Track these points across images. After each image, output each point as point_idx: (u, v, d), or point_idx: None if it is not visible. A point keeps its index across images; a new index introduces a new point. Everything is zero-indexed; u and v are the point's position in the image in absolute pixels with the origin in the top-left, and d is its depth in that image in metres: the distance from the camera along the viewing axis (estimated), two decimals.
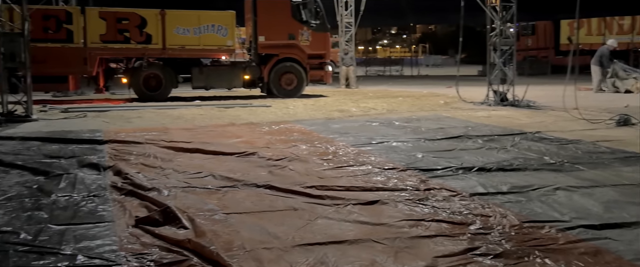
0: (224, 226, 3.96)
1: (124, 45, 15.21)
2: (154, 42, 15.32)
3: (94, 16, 14.95)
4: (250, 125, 9.75)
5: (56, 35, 14.63)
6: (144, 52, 15.38)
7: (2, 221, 4.08)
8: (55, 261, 3.31)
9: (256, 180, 5.35)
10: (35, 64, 13.83)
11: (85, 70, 15.07)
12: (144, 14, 15.35)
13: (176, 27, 15.49)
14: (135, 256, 3.39)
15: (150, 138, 7.84)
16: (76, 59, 14.76)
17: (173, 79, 15.89)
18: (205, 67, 16.24)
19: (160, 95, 15.51)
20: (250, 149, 6.97)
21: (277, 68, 16.54)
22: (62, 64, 14.61)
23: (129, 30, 15.19)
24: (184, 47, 15.59)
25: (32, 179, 5.47)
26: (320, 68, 17.11)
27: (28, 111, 10.77)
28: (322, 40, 17.10)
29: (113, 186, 5.18)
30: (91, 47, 14.87)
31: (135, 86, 15.58)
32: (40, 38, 14.10)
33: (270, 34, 16.45)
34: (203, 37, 15.68)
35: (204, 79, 16.11)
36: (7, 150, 7.00)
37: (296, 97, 16.17)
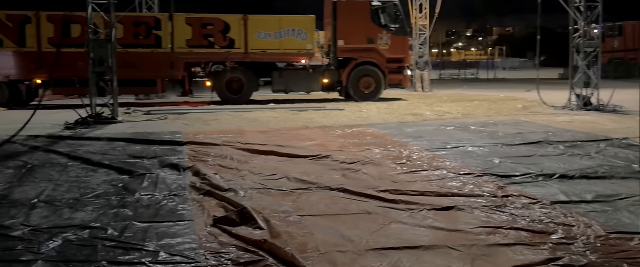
0: (299, 228, 4.01)
1: (208, 50, 15.79)
2: (236, 46, 15.81)
3: (181, 22, 15.59)
4: (324, 128, 9.81)
5: (146, 41, 15.43)
6: (227, 57, 15.91)
7: (91, 218, 4.32)
8: (139, 256, 3.46)
9: (330, 183, 5.37)
10: (127, 69, 14.83)
11: (173, 74, 15.79)
12: (228, 20, 15.84)
13: (258, 31, 15.90)
14: (213, 254, 3.49)
15: (227, 140, 8.05)
16: (164, 63, 15.51)
17: (254, 83, 16.31)
18: (285, 71, 16.54)
19: (242, 98, 15.97)
20: (323, 153, 7.02)
21: (355, 72, 16.62)
22: (151, 68, 15.40)
23: (214, 35, 15.76)
24: (265, 51, 16.00)
25: (118, 178, 5.75)
26: (399, 72, 17.04)
27: (114, 114, 11.33)
28: (401, 44, 17.00)
29: (192, 186, 5.36)
30: (178, 52, 15.55)
31: (219, 89, 16.11)
32: (131, 44, 15.06)
33: (350, 38, 16.54)
34: (284, 41, 16.02)
35: (284, 83, 16.42)
36: (95, 150, 7.40)
37: (374, 100, 16.15)
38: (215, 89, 16.17)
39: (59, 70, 14.02)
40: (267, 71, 16.44)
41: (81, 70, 14.11)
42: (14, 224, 4.13)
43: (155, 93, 16.46)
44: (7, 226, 4.06)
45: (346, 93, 16.73)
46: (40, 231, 3.96)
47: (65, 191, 5.18)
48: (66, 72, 14.18)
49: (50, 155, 7.06)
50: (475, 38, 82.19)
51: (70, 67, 14.06)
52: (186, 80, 16.18)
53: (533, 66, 39.56)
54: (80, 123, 10.46)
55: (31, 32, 14.79)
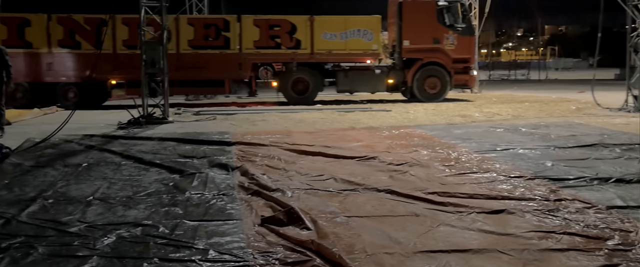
0: (346, 229, 4.00)
1: (275, 51, 16.07)
2: (302, 47, 16.03)
3: (248, 23, 15.92)
4: (371, 129, 9.78)
5: (215, 43, 15.82)
6: (293, 57, 16.10)
7: (143, 215, 4.43)
8: (189, 254, 3.53)
9: (377, 184, 5.35)
10: (197, 69, 15.25)
11: (241, 74, 16.17)
12: (294, 21, 16.06)
13: (324, 32, 16.07)
14: (261, 253, 3.53)
15: (274, 141, 8.12)
16: (232, 64, 15.89)
17: (319, 83, 16.47)
18: (350, 71, 16.59)
19: (308, 98, 16.15)
20: (370, 153, 6.99)
21: (421, 72, 16.57)
22: (220, 69, 15.81)
23: (280, 36, 16.03)
24: (330, 52, 16.16)
25: (169, 177, 5.88)
26: (465, 72, 16.91)
27: (165, 114, 11.61)
28: (467, 44, 16.89)
29: (240, 185, 5.43)
30: (246, 53, 15.89)
31: (284, 90, 16.33)
32: (201, 45, 15.49)
33: (415, 38, 16.52)
34: (349, 41, 16.14)
35: (349, 83, 16.52)
36: (147, 149, 7.59)
37: (439, 101, 16.07)
38: (281, 89, 16.38)
39: (133, 71, 14.84)
40: (331, 71, 16.54)
41: None
42: (70, 220, 4.28)
43: (223, 94, 16.74)
44: (64, 222, 4.22)
45: (411, 93, 16.66)
46: (95, 227, 4.09)
47: (119, 189, 5.34)
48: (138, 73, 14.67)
49: (104, 154, 7.28)
50: (525, 38, 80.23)
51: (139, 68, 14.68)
52: (253, 81, 16.46)
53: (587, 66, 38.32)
54: (133, 123, 10.76)
55: (107, 35, 15.16)
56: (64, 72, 15.61)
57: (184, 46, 15.70)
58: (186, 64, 15.52)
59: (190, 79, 15.70)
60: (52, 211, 4.58)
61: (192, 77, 15.57)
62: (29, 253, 3.55)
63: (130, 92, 15.82)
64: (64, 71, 15.59)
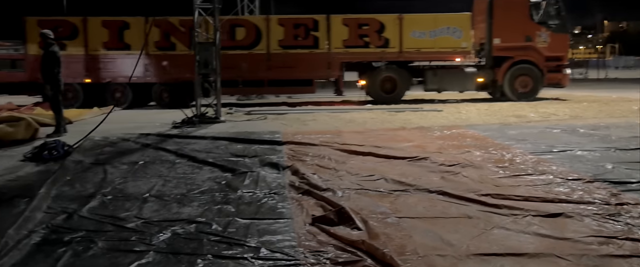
0: (397, 230, 3.97)
1: (363, 50, 16.15)
2: (391, 46, 16.06)
3: (337, 23, 16.06)
4: (421, 129, 9.67)
5: (304, 42, 16.04)
6: (382, 56, 16.15)
7: (197, 213, 4.53)
8: (241, 251, 3.58)
9: (428, 185, 5.28)
10: (286, 69, 15.56)
11: (329, 74, 16.34)
12: (383, 19, 16.11)
13: (412, 30, 16.06)
14: (312, 253, 3.54)
15: (324, 140, 8.14)
16: (321, 63, 16.07)
17: (407, 82, 16.42)
18: (439, 70, 16.50)
19: (395, 97, 16.15)
20: (421, 154, 6.91)
21: (512, 71, 16.30)
22: (309, 68, 16.03)
23: (369, 35, 16.10)
24: (419, 50, 16.14)
25: (221, 176, 5.98)
26: (558, 71, 16.52)
27: (217, 113, 11.82)
28: (561, 41, 16.53)
29: (291, 185, 5.46)
30: (334, 52, 16.05)
31: (372, 89, 16.37)
32: (291, 45, 15.85)
33: (506, 35, 16.28)
34: (438, 39, 16.08)
35: (438, 82, 16.42)
36: (200, 148, 7.75)
37: (531, 100, 15.81)
38: (369, 88, 16.42)
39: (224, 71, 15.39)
40: (419, 70, 16.48)
41: (244, 71, 15.66)
42: (128, 216, 4.42)
43: (311, 93, 16.84)
44: (122, 218, 4.35)
45: (501, 92, 16.41)
46: (151, 224, 4.20)
47: (173, 187, 5.46)
48: (230, 73, 15.23)
49: (159, 152, 7.48)
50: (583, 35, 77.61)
51: (234, 69, 15.30)
52: (340, 80, 16.59)
53: None
54: (186, 122, 11.00)
55: None
56: (159, 73, 16.08)
57: (275, 46, 15.94)
58: (277, 63, 15.86)
59: (279, 78, 15.98)
60: (110, 206, 4.74)
61: (282, 77, 15.88)
62: (90, 247, 3.68)
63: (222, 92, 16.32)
64: (158, 72, 16.07)
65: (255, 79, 16.10)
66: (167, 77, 16.07)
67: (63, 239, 3.87)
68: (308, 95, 17.90)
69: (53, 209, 4.65)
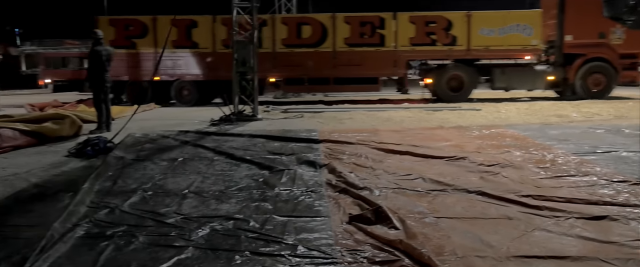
0: (435, 230, 3.93)
1: (430, 48, 16.04)
2: (458, 43, 15.89)
3: (404, 20, 15.97)
4: (459, 128, 9.54)
5: (370, 40, 16.01)
6: (449, 54, 16.01)
7: (235, 209, 4.57)
8: (279, 249, 3.59)
9: (467, 185, 5.21)
10: (353, 67, 15.56)
11: (395, 72, 16.32)
12: (451, 17, 15.95)
13: (481, 28, 15.84)
14: (349, 251, 3.53)
15: (361, 139, 8.11)
16: (387, 61, 16.02)
17: (475, 80, 16.23)
18: (507, 68, 16.23)
19: (461, 96, 15.95)
20: (459, 154, 6.82)
21: (584, 68, 15.97)
22: (374, 66, 16.00)
23: (436, 32, 15.97)
24: (488, 48, 15.90)
25: (259, 173, 6.02)
26: (633, 68, 16.08)
27: (254, 111, 11.91)
28: (637, 38, 15.89)
29: (328, 183, 5.46)
30: (401, 50, 15.99)
31: (438, 87, 16.24)
32: (357, 43, 15.84)
33: (579, 32, 15.93)
34: (507, 37, 15.81)
35: (506, 80, 16.16)
36: (238, 146, 7.82)
37: (604, 98, 15.50)
38: (435, 86, 16.27)
39: (290, 69, 15.50)
40: (487, 68, 16.26)
41: (310, 69, 15.77)
42: (168, 212, 4.49)
43: (376, 91, 16.78)
44: (162, 213, 4.43)
45: (572, 90, 16.07)
46: (190, 220, 4.27)
47: (212, 183, 5.53)
48: (296, 72, 15.57)
49: (198, 149, 7.58)
50: None
51: (300, 67, 15.52)
52: (405, 78, 16.53)
53: None
54: (224, 120, 11.12)
55: (267, 34, 15.87)
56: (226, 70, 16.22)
57: (340, 44, 15.93)
58: (342, 61, 15.86)
59: (345, 76, 16.02)
60: (151, 202, 4.83)
61: (348, 75, 15.93)
62: (131, 241, 3.76)
63: (287, 90, 16.62)
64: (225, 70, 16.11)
65: (321, 77, 16.13)
66: None
67: (105, 233, 3.96)
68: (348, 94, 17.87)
69: (96, 204, 4.76)
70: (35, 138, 8.33)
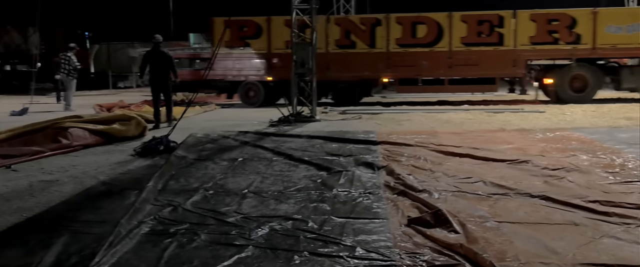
0: (496, 235, 3.84)
1: (552, 47, 15.51)
2: (583, 42, 15.31)
3: (524, 19, 15.53)
4: (522, 131, 9.28)
5: (488, 39, 15.66)
6: (572, 53, 15.43)
7: (294, 210, 4.61)
8: (337, 250, 3.60)
9: (530, 189, 5.06)
10: (469, 67, 15.31)
11: (514, 72, 15.83)
12: (575, 14, 15.43)
13: (608, 25, 15.23)
14: (408, 254, 3.50)
15: (420, 141, 8.02)
16: (506, 61, 15.59)
17: (600, 81, 15.61)
18: (637, 67, 15.66)
19: (585, 97, 15.37)
20: (522, 157, 6.64)
21: None
22: (492, 66, 15.63)
23: (558, 31, 15.45)
24: (614, 46, 15.28)
25: (317, 174, 6.06)
26: None
27: (312, 112, 11.99)
28: None
29: (386, 185, 5.43)
30: (520, 50, 15.54)
31: (560, 87, 15.67)
32: (474, 42, 15.58)
33: None
34: (636, 35, 15.11)
35: (635, 81, 15.49)
36: (296, 146, 7.89)
37: None
38: (556, 87, 15.70)
39: (404, 69, 15.41)
40: (612, 68, 15.68)
41: (424, 69, 15.62)
42: (228, 211, 4.59)
43: (493, 91, 16.36)
44: (223, 213, 4.52)
45: None
46: (250, 219, 4.34)
47: (271, 184, 5.60)
48: (410, 72, 15.49)
49: (257, 150, 7.69)
50: None
51: (413, 67, 15.40)
52: (524, 78, 16.08)
53: None
54: (283, 121, 11.24)
55: (381, 34, 15.80)
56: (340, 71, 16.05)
57: (457, 43, 15.64)
58: (458, 61, 15.59)
59: (462, 76, 15.78)
60: (212, 201, 4.94)
61: (464, 75, 15.71)
62: (193, 239, 3.86)
63: (400, 90, 16.40)
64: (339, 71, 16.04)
65: (435, 78, 15.89)
66: (347, 75, 16.05)
67: (169, 230, 4.09)
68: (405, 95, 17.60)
69: (160, 202, 4.92)
70: (103, 138, 8.70)
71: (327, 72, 15.70)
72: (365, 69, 15.83)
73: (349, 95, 16.17)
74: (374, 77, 16.12)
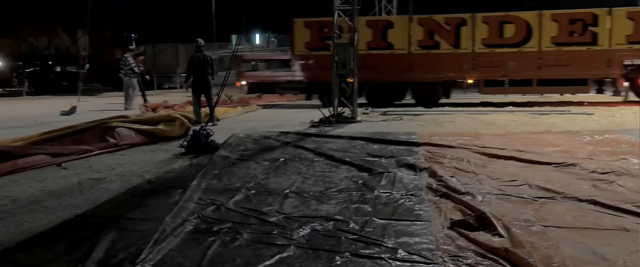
0: (542, 239, 3.75)
1: None
2: None
3: (621, 17, 14.94)
4: (569, 134, 9.03)
5: (581, 39, 15.14)
6: None
7: (335, 210, 4.62)
8: (379, 251, 3.59)
9: (578, 193, 4.93)
10: (560, 67, 14.87)
11: (608, 73, 15.23)
12: None
13: None
14: (451, 257, 3.45)
15: (462, 143, 7.91)
16: (599, 61, 15.03)
17: None
18: None
19: None
20: (569, 160, 6.46)
21: None
22: (585, 67, 15.08)
23: None
24: None
25: (358, 175, 6.04)
26: None
27: (353, 113, 11.96)
28: None
29: (428, 187, 5.38)
30: (615, 49, 14.95)
31: None
32: (566, 42, 15.10)
33: None
34: None
35: None
36: (337, 147, 7.89)
37: None
38: None
39: (490, 70, 15.09)
40: None
41: (511, 70, 15.23)
42: (270, 210, 4.62)
43: (585, 92, 15.62)
44: (265, 212, 4.56)
45: None
46: (291, 219, 4.36)
47: (312, 184, 5.62)
48: (496, 72, 15.21)
49: (298, 150, 7.73)
50: None
51: (500, 68, 15.10)
52: (619, 79, 15.40)
53: None
54: (324, 122, 11.26)
55: (466, 34, 15.45)
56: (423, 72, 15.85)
57: (547, 43, 15.19)
58: (548, 62, 15.13)
59: (552, 77, 15.23)
60: (254, 200, 4.99)
61: (554, 76, 15.20)
62: (236, 238, 3.90)
63: (485, 92, 15.94)
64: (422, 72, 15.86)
65: (523, 79, 15.28)
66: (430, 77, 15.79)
67: (212, 228, 4.15)
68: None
69: (203, 201, 5.00)
70: (148, 137, 8.90)
71: (409, 73, 15.62)
72: (449, 70, 15.50)
73: (431, 96, 15.87)
74: (458, 78, 15.76)
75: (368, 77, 15.29)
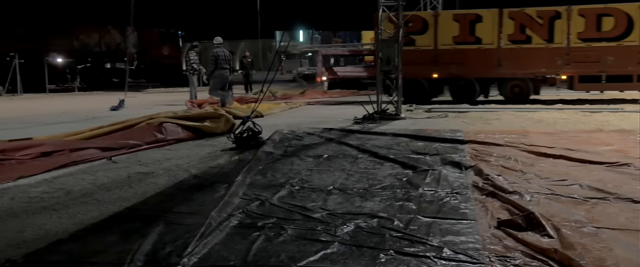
0: (594, 241, 3.63)
1: None
2: None
3: None
4: (622, 132, 8.73)
5: None
6: None
7: (379, 208, 4.59)
8: (423, 250, 3.54)
9: (632, 194, 4.75)
10: None
11: None
12: None
13: None
14: (498, 257, 3.38)
15: (509, 140, 7.75)
16: None
17: None
18: None
19: None
20: (623, 159, 6.24)
21: None
22: None
23: None
24: None
25: (402, 172, 5.99)
26: None
27: (397, 110, 11.88)
28: None
29: (474, 185, 5.28)
30: None
31: None
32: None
33: None
34: None
35: None
36: (381, 144, 7.85)
37: None
38: None
39: (585, 65, 14.70)
40: None
41: (610, 65, 14.74)
42: (314, 207, 4.63)
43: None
44: (309, 208, 4.57)
45: None
46: (335, 215, 4.36)
47: (356, 181, 5.60)
48: (592, 68, 14.81)
49: (342, 147, 7.72)
50: None
51: (597, 62, 14.67)
52: None
53: None
54: (367, 118, 11.22)
55: (560, 28, 15.01)
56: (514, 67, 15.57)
57: None
58: None
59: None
60: (298, 196, 5.01)
61: None
62: (280, 233, 3.93)
63: (578, 88, 15.51)
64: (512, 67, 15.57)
65: (622, 74, 14.74)
66: (521, 72, 15.50)
67: (257, 224, 4.18)
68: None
69: (248, 196, 5.05)
70: (194, 133, 9.06)
71: (498, 68, 15.31)
72: (541, 66, 15.13)
73: (522, 92, 15.54)
74: (551, 74, 15.33)
75: (453, 73, 15.10)
